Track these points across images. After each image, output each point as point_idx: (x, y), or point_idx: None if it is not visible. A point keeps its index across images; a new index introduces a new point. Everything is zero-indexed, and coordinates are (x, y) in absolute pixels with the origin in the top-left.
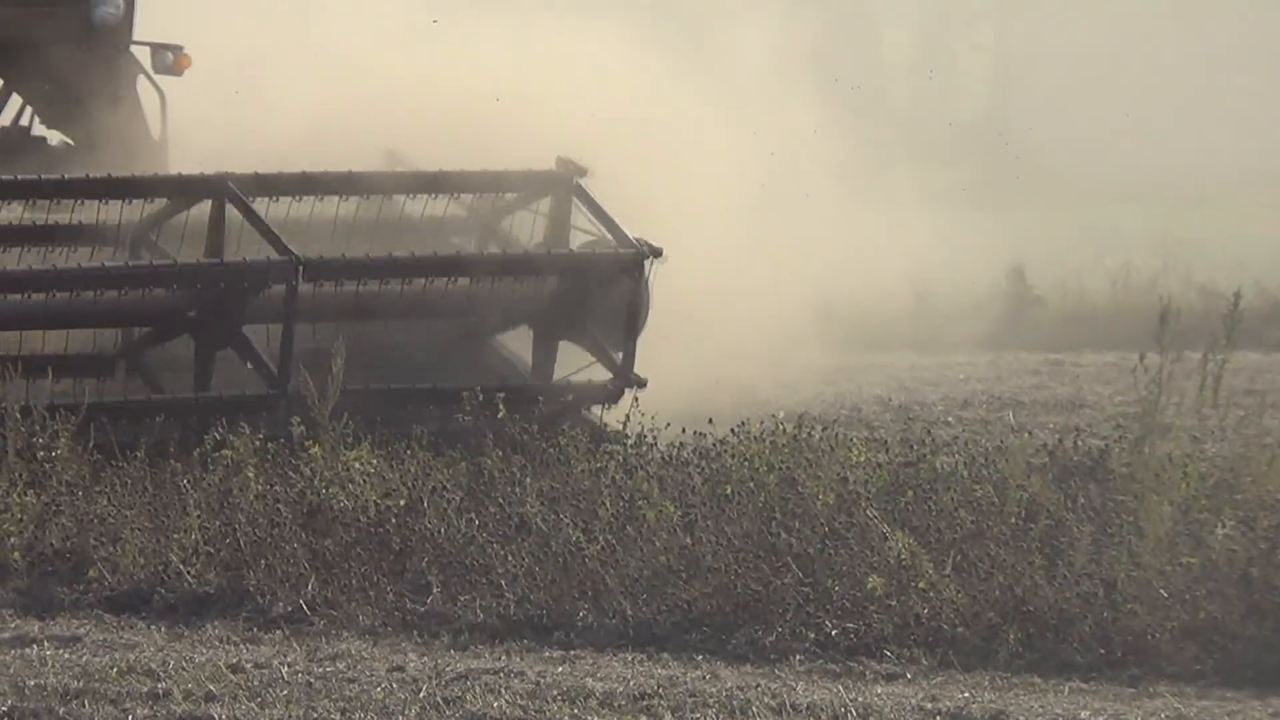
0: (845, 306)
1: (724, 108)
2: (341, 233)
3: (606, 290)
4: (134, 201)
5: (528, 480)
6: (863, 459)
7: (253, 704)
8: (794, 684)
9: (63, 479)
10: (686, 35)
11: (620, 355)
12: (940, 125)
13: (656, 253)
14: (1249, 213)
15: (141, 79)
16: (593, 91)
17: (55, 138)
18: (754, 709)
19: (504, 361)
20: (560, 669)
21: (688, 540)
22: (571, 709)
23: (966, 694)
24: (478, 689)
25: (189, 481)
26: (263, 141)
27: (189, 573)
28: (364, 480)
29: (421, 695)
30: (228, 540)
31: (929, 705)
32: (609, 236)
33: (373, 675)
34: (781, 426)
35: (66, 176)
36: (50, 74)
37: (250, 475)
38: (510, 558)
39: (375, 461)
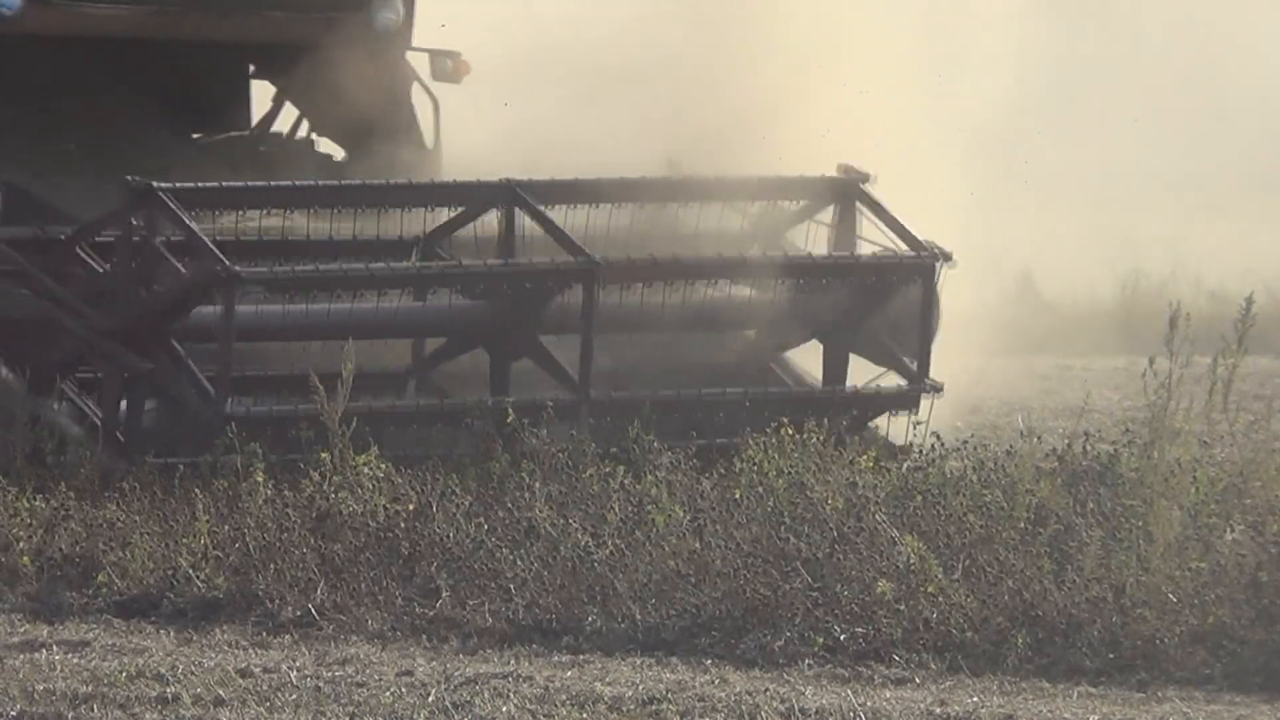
0: None
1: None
2: (619, 242)
3: (897, 296)
4: (415, 211)
5: (537, 485)
6: (871, 464)
7: (261, 708)
8: (803, 688)
9: (71, 484)
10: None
11: (914, 362)
12: (949, 129)
13: (947, 257)
14: (1259, 217)
15: (415, 85)
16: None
17: (327, 146)
18: (763, 713)
19: (793, 378)
20: (569, 673)
21: (696, 545)
22: (580, 713)
23: (975, 698)
24: (486, 693)
25: (198, 486)
26: (535, 149)
27: (198, 577)
28: (373, 485)
29: (430, 700)
30: (237, 545)
31: (938, 710)
32: (899, 242)
33: (381, 680)
34: (788, 431)
35: (344, 182)
36: (326, 80)
37: (259, 480)
38: (519, 562)
39: (384, 467)
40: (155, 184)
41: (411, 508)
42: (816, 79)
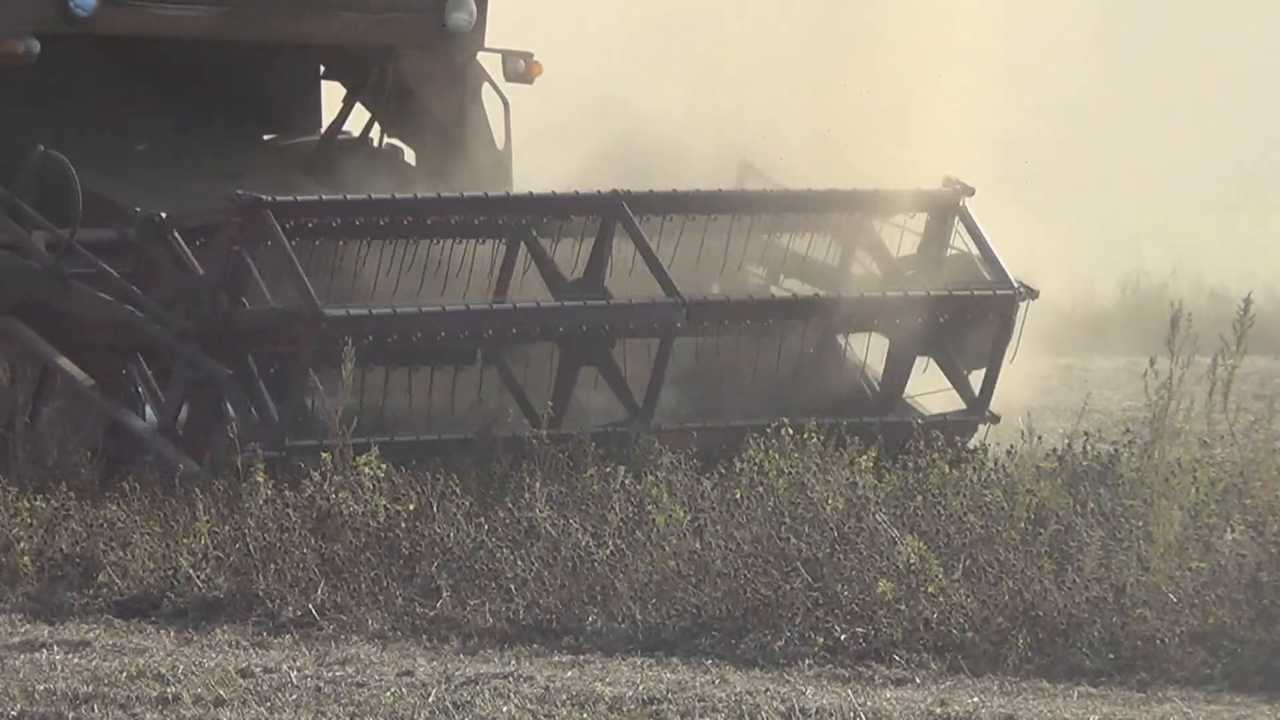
0: None
1: (724, 111)
2: (711, 254)
3: (974, 322)
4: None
5: (537, 485)
6: (871, 464)
7: (262, 708)
8: (803, 688)
9: (72, 484)
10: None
11: (978, 387)
12: (950, 129)
13: (1033, 295)
14: (1259, 218)
15: (485, 86)
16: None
17: (396, 147)
18: (763, 714)
19: (852, 370)
20: (569, 673)
21: (697, 545)
22: (580, 713)
23: (975, 698)
24: (487, 693)
25: (199, 486)
26: (606, 152)
27: (198, 577)
28: (373, 485)
29: (431, 700)
30: (237, 545)
31: (938, 710)
32: (985, 271)
33: (382, 680)
34: (788, 431)
35: (439, 195)
36: (397, 82)
37: (260, 480)
38: (520, 562)
39: (384, 467)
40: (264, 198)
41: (412, 508)
42: (817, 80)
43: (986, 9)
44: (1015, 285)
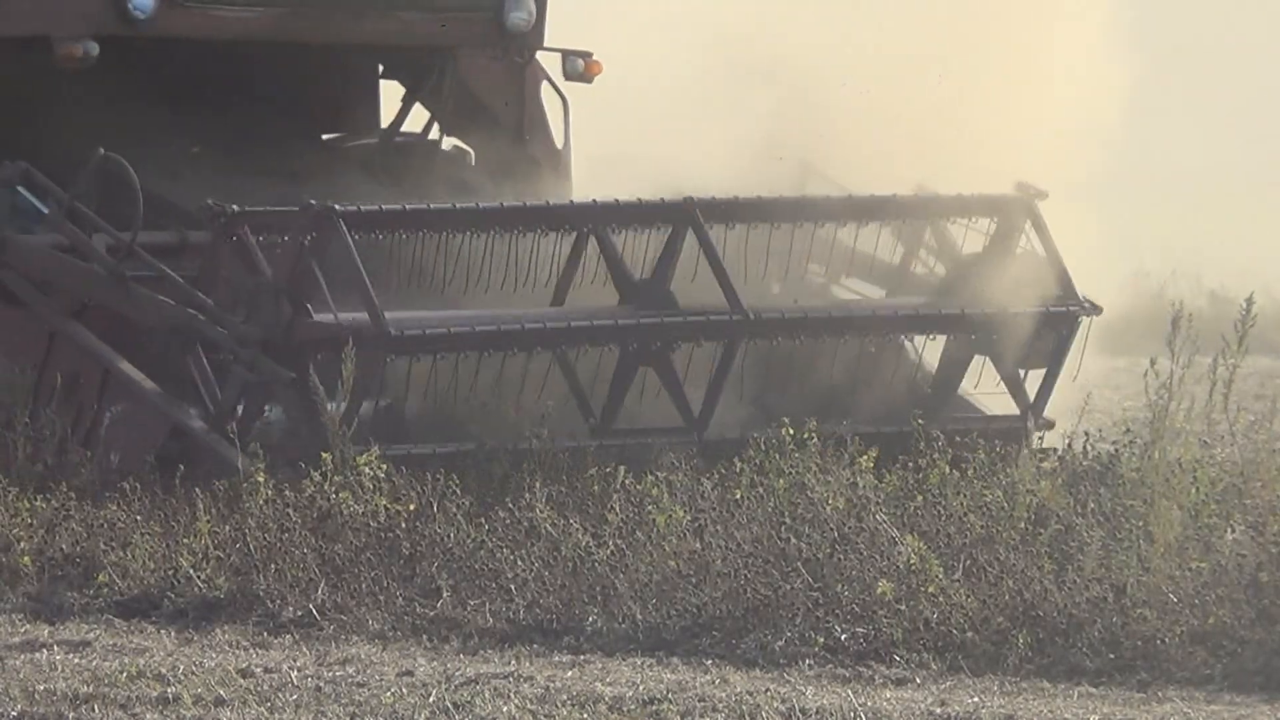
0: None
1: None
2: (775, 255)
3: (1034, 334)
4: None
5: (537, 485)
6: (871, 464)
7: (262, 708)
8: (803, 688)
9: (72, 484)
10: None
11: (1034, 396)
12: (952, 128)
13: (1096, 311)
14: (1259, 218)
15: (544, 85)
16: None
17: (455, 145)
18: (763, 714)
19: (911, 369)
20: (570, 673)
21: (697, 545)
22: (581, 713)
23: (976, 698)
24: (487, 693)
25: (199, 486)
26: (662, 155)
27: (199, 577)
28: (374, 485)
29: (431, 700)
30: (237, 545)
31: (938, 710)
32: (1054, 284)
33: (382, 680)
34: (788, 431)
35: (528, 204)
36: (456, 81)
37: (260, 480)
38: (520, 562)
39: (385, 467)
40: (336, 206)
41: (412, 508)
42: (817, 79)
43: (995, 11)
44: (1081, 301)
